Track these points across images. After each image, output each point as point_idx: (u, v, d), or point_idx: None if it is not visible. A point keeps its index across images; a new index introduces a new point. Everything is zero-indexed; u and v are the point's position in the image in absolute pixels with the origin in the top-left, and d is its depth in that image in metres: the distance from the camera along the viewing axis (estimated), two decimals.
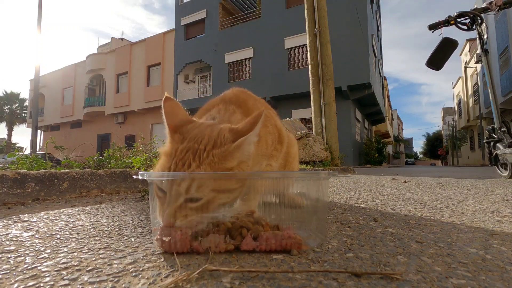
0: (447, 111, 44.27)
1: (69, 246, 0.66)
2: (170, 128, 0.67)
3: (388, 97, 28.57)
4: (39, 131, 17.94)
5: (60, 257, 0.58)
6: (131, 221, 0.94)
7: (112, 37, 26.24)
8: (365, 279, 0.48)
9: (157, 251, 0.62)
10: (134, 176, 0.67)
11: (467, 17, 2.97)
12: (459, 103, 30.96)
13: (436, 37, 2.96)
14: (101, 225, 0.88)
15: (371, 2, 15.48)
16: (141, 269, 0.51)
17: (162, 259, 0.57)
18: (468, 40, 24.35)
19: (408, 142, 64.16)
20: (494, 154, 3.10)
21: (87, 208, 1.24)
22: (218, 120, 0.77)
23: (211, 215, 0.62)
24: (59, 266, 0.53)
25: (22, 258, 0.58)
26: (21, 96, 30.61)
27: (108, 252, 0.62)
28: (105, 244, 0.67)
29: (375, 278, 0.48)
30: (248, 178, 0.65)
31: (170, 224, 0.61)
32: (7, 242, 0.69)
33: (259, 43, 15.30)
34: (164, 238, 0.59)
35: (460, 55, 27.42)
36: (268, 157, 0.90)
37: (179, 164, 0.61)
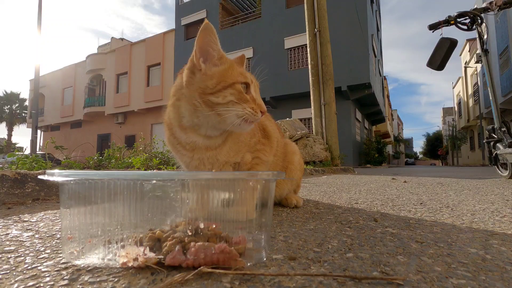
0: (447, 111, 44.26)
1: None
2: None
3: (388, 97, 28.56)
4: (39, 131, 17.92)
5: (60, 257, 0.58)
6: None
7: (112, 37, 26.22)
8: (365, 279, 0.48)
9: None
10: (40, 177, 0.58)
11: (467, 17, 2.97)
12: (459, 103, 30.95)
13: (436, 37, 2.96)
14: None
15: (371, 2, 15.47)
16: (140, 269, 0.51)
17: None
18: (468, 40, 24.34)
19: (408, 142, 64.12)
20: (494, 154, 3.10)
21: None
22: None
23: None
24: (59, 266, 0.53)
25: (22, 258, 0.58)
26: (21, 96, 30.65)
27: None
28: None
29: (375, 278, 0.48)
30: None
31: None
32: (7, 242, 0.69)
33: (259, 43, 15.29)
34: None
35: (460, 55, 27.41)
36: (252, 150, 0.94)
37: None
